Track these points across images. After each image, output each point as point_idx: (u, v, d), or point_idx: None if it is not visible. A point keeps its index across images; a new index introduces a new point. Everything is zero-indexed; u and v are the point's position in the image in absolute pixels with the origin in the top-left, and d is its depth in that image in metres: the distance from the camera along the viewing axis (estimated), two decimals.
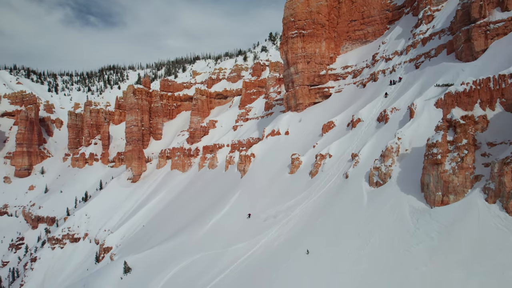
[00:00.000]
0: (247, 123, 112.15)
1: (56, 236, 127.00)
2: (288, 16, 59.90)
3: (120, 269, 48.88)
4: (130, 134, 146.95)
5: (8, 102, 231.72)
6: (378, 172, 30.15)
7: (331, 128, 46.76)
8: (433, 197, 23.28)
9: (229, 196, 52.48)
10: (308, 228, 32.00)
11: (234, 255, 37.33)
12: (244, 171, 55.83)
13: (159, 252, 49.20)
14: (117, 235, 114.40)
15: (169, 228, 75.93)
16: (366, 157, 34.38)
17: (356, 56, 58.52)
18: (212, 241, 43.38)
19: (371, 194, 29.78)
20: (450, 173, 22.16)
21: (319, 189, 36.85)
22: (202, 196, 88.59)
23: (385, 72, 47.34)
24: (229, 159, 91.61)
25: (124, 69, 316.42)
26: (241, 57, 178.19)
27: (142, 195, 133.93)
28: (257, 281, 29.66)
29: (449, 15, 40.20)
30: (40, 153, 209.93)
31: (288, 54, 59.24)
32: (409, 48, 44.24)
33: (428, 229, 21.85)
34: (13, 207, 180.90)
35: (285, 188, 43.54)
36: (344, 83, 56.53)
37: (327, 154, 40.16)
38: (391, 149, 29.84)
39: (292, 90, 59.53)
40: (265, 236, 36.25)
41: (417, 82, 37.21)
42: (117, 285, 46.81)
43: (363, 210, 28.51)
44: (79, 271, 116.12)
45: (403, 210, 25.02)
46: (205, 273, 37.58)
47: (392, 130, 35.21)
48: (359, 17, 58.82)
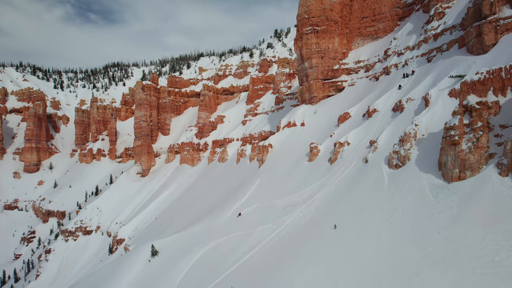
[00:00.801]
0: (256, 118, 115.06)
1: (69, 229, 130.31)
2: (302, 13, 62.70)
3: (148, 252, 51.95)
4: (139, 130, 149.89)
5: (15, 98, 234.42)
6: (397, 155, 33.15)
7: (347, 118, 49.77)
8: (451, 174, 26.28)
9: (248, 185, 55.51)
10: (332, 207, 35.05)
11: (260, 235, 40.40)
12: (262, 161, 58.81)
13: (184, 237, 52.29)
14: (129, 227, 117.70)
15: (186, 217, 79.00)
16: (384, 143, 37.37)
17: (368, 51, 61.42)
18: (236, 225, 46.44)
19: (391, 175, 32.80)
20: (467, 152, 25.14)
21: (340, 173, 39.87)
22: (215, 188, 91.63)
23: (397, 66, 50.26)
24: (241, 152, 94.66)
25: (128, 66, 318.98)
26: (247, 54, 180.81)
27: (152, 189, 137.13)
28: (287, 255, 32.70)
29: (459, 12, 43.05)
30: (48, 149, 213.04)
31: (303, 49, 62.13)
32: (421, 43, 47.14)
33: (448, 201, 24.87)
34: (23, 201, 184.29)
35: (305, 175, 46.57)
36: (357, 77, 59.46)
37: (345, 142, 43.18)
38: (409, 134, 32.81)
39: (306, 84, 62.49)
40: (290, 217, 39.30)
41: (430, 74, 40.13)
42: (145, 267, 49.92)
43: (385, 189, 31.55)
44: (93, 262, 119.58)
45: (423, 187, 28.04)
46: (234, 252, 40.66)
47: (407, 118, 38.17)
48: (370, 14, 61.67)
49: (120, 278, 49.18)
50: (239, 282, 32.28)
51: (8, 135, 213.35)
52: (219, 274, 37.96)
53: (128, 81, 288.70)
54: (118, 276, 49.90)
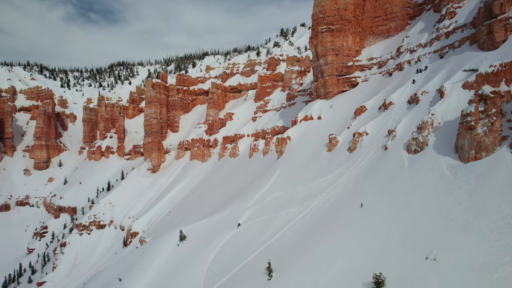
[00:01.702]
0: (266, 114, 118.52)
1: (83, 223, 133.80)
2: (317, 13, 66.10)
3: (176, 237, 55.44)
4: (150, 127, 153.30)
5: (24, 97, 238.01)
6: (416, 141, 36.62)
7: (363, 111, 53.22)
8: (467, 155, 29.75)
9: (269, 175, 58.95)
10: (356, 190, 38.52)
11: (287, 218, 43.87)
12: (281, 152, 62.23)
13: (210, 222, 55.75)
14: (142, 221, 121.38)
15: (203, 208, 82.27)
16: (402, 132, 40.83)
17: (380, 49, 64.84)
18: (261, 210, 49.87)
19: (411, 159, 36.28)
20: (482, 135, 28.60)
21: (360, 160, 43.34)
22: (230, 181, 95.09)
23: (410, 62, 53.67)
24: (254, 146, 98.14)
25: (134, 65, 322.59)
26: (254, 52, 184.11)
27: (163, 184, 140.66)
28: (316, 233, 36.16)
29: (470, 12, 46.41)
30: (57, 147, 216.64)
31: (318, 47, 65.55)
32: (433, 40, 50.53)
33: (465, 178, 28.34)
34: (34, 198, 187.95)
35: (325, 163, 50.04)
36: (370, 73, 62.89)
37: (364, 132, 46.66)
38: (427, 122, 36.27)
39: (321, 80, 65.95)
40: (315, 200, 42.78)
41: (443, 69, 43.53)
42: (174, 250, 53.43)
43: (406, 171, 35.03)
44: (108, 255, 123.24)
45: (442, 167, 31.51)
46: (262, 234, 44.11)
47: (423, 110, 41.63)
48: (382, 13, 65.09)
49: (152, 260, 52.73)
50: (272, 258, 35.65)
51: (17, 133, 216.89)
52: (250, 252, 41.45)
53: (134, 80, 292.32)
54: (149, 258, 53.43)
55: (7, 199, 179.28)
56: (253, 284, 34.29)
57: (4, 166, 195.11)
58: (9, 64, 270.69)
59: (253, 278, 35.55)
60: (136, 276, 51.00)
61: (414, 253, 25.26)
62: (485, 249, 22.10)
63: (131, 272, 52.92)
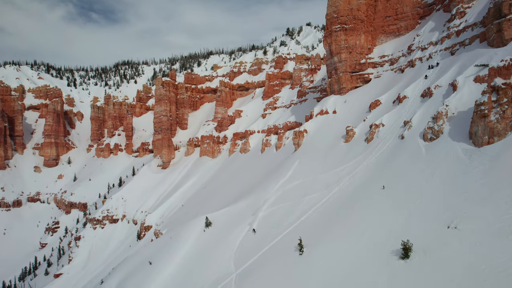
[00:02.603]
0: (276, 111, 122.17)
1: (96, 217, 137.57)
2: (331, 13, 69.71)
3: (201, 224, 59.01)
4: (160, 124, 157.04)
5: (32, 96, 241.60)
6: (431, 130, 40.20)
7: (378, 105, 56.80)
8: (481, 140, 33.33)
9: (287, 165, 62.56)
10: (377, 175, 42.11)
11: (310, 202, 47.44)
12: (298, 145, 65.80)
13: (233, 210, 59.34)
14: (155, 215, 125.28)
15: (219, 201, 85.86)
16: (418, 123, 44.41)
17: (391, 47, 68.42)
18: (284, 197, 53.46)
19: (427, 146, 39.87)
20: (495, 122, 32.18)
21: (378, 149, 46.93)
22: (243, 175, 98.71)
23: (422, 59, 57.24)
24: (266, 142, 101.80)
25: (139, 64, 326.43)
26: (260, 51, 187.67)
27: (174, 180, 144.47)
28: (341, 213, 39.74)
29: (480, 11, 49.93)
30: (66, 144, 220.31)
31: (332, 45, 69.14)
32: (444, 39, 54.05)
33: (480, 159, 31.90)
34: (44, 194, 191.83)
35: (343, 153, 53.64)
36: (382, 70, 66.50)
37: (380, 123, 50.25)
38: (442, 113, 39.85)
39: (335, 76, 69.56)
40: (337, 186, 46.36)
41: (455, 65, 47.09)
42: (201, 236, 57.02)
43: (423, 156, 38.62)
44: (122, 248, 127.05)
45: (457, 152, 35.09)
46: (287, 217, 47.70)
47: (436, 102, 45.18)
48: (393, 13, 68.67)
49: (180, 245, 56.32)
50: (300, 236, 39.12)
51: (27, 131, 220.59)
52: (278, 233, 45.02)
53: (140, 79, 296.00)
54: (177, 243, 57.01)
55: (19, 195, 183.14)
56: (285, 259, 37.83)
57: (15, 163, 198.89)
58: (16, 64, 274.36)
59: (284, 254, 39.11)
60: (166, 259, 54.55)
61: (436, 224, 28.80)
62: (500, 217, 25.62)
63: (160, 256, 56.49)
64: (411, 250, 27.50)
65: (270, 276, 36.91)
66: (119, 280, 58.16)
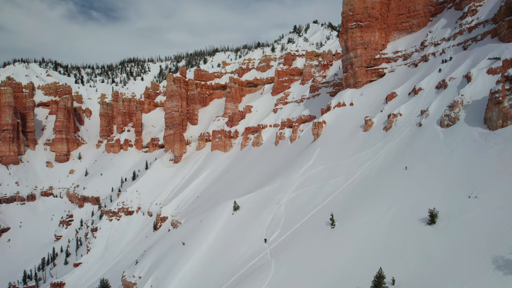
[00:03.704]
0: (287, 106, 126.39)
1: (112, 210, 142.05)
2: (347, 11, 73.90)
3: (229, 208, 63.29)
4: (171, 119, 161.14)
5: (42, 93, 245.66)
6: (448, 117, 44.52)
7: (394, 97, 61.05)
8: (495, 124, 37.64)
9: (308, 154, 66.87)
10: (398, 158, 46.43)
11: (336, 184, 51.74)
12: (317, 135, 70.07)
13: (259, 195, 63.59)
14: (171, 206, 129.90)
15: (237, 190, 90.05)
16: (434, 112, 48.69)
17: (404, 43, 72.64)
18: (309, 181, 57.75)
19: (445, 131, 44.18)
20: (508, 107, 36.50)
21: (397, 136, 51.25)
22: (258, 166, 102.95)
23: (435, 54, 61.43)
24: (279, 135, 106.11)
25: (144, 61, 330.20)
26: (268, 48, 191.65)
27: (187, 173, 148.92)
28: (367, 191, 44.07)
29: (491, 9, 54.02)
30: (76, 140, 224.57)
31: (348, 42, 73.35)
32: (456, 35, 58.19)
33: (495, 141, 36.20)
34: (57, 189, 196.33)
35: (363, 141, 57.96)
36: (396, 64, 70.73)
37: (398, 113, 54.55)
38: (458, 101, 44.14)
39: (351, 71, 73.82)
40: (360, 170, 50.69)
41: (468, 59, 51.31)
42: (230, 218, 61.32)
43: (441, 140, 42.93)
44: (138, 238, 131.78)
45: (474, 135, 39.42)
46: (314, 198, 52.01)
47: (451, 93, 49.45)
48: (405, 11, 72.84)
49: (210, 227, 60.67)
50: (329, 213, 43.40)
51: (37, 127, 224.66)
52: (307, 212, 49.36)
53: (146, 76, 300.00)
54: (208, 226, 61.37)
55: (33, 189, 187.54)
56: (318, 233, 42.24)
57: (27, 159, 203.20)
58: (25, 61, 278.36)
59: (316, 229, 43.52)
60: (198, 240, 58.94)
61: (458, 195, 33.19)
62: None
63: (192, 238, 60.89)
64: (437, 217, 31.88)
65: (305, 247, 41.31)
66: (153, 261, 62.65)
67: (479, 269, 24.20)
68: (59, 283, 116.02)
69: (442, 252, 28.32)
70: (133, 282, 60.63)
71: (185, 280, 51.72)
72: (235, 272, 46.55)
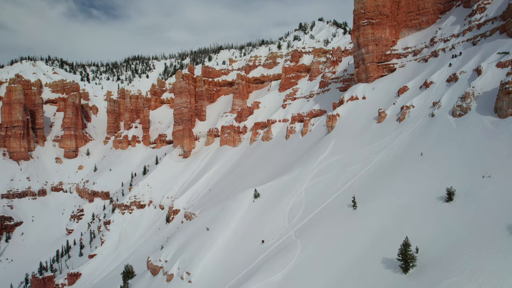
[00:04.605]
0: (295, 102, 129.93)
1: (124, 203, 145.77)
2: (358, 9, 77.35)
3: (250, 196, 66.77)
4: (181, 115, 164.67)
5: (49, 90, 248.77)
6: (460, 108, 48.04)
7: (405, 90, 64.56)
8: (505, 113, 41.16)
9: (323, 145, 70.38)
10: (412, 146, 49.93)
11: (353, 172, 55.25)
12: (331, 127, 73.62)
13: (279, 183, 67.07)
14: (182, 199, 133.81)
15: (251, 182, 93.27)
16: (446, 103, 52.17)
17: (413, 39, 76.08)
18: (327, 169, 61.23)
19: (457, 121, 47.71)
20: None
21: (411, 126, 54.76)
22: (270, 159, 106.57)
23: (445, 50, 64.87)
24: (290, 129, 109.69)
25: (149, 59, 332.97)
26: (275, 46, 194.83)
27: (197, 168, 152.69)
28: (385, 176, 47.59)
29: (499, 7, 57.35)
30: (84, 137, 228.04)
31: (360, 38, 76.81)
32: (466, 31, 61.61)
33: (506, 127, 39.70)
34: (67, 184, 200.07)
35: (377, 132, 61.48)
36: (406, 60, 74.20)
37: (411, 105, 58.07)
38: (469, 93, 47.66)
39: (363, 66, 77.33)
40: (376, 157, 54.21)
41: (477, 53, 54.75)
42: (251, 205, 64.78)
43: (454, 129, 46.46)
44: (151, 230, 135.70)
45: (485, 123, 42.95)
46: (333, 185, 55.48)
47: (462, 85, 52.92)
48: (415, 9, 76.27)
49: (233, 213, 64.21)
50: (350, 197, 46.81)
51: (46, 124, 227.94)
52: (327, 197, 52.88)
53: (151, 73, 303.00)
54: (230, 212, 64.90)
55: (43, 185, 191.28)
56: (341, 214, 45.79)
57: (37, 155, 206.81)
58: (32, 59, 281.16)
59: (338, 211, 47.08)
60: (222, 225, 62.47)
61: (472, 175, 36.71)
62: None
63: (215, 224, 64.42)
64: (454, 194, 35.43)
65: (330, 226, 44.89)
66: (178, 246, 66.25)
67: (495, 236, 27.67)
68: (75, 273, 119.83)
69: (461, 224, 31.81)
70: (160, 266, 64.24)
71: (212, 261, 55.31)
72: (261, 252, 50.10)
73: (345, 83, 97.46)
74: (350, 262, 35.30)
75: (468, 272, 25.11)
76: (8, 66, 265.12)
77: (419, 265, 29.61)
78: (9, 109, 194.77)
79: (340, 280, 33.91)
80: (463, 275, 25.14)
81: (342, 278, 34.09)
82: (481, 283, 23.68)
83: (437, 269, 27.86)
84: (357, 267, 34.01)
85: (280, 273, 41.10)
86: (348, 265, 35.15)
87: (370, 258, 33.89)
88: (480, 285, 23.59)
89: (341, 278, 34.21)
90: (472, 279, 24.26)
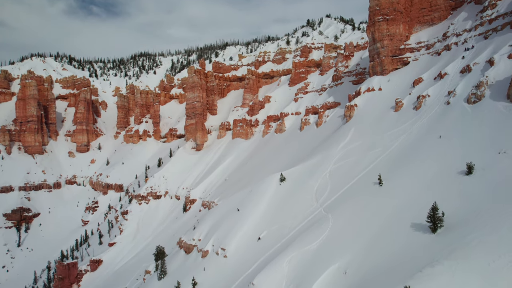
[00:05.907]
0: (307, 95, 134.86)
1: (141, 194, 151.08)
2: (373, 6, 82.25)
3: (276, 180, 71.78)
4: (193, 109, 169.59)
5: (60, 86, 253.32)
6: (474, 95, 53.06)
7: (420, 81, 69.54)
8: None
9: (343, 133, 75.38)
10: (430, 130, 54.90)
11: (375, 155, 60.25)
12: (350, 117, 78.70)
13: (303, 167, 72.03)
14: (198, 190, 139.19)
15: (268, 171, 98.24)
16: (461, 92, 57.13)
17: (426, 34, 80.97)
18: (349, 154, 66.22)
19: (472, 107, 52.71)
20: None
21: (428, 113, 59.76)
22: (285, 149, 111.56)
23: (457, 44, 69.77)
24: (305, 121, 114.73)
25: (155, 55, 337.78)
26: (283, 41, 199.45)
27: (210, 160, 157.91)
28: (406, 157, 52.61)
29: (510, 3, 62.17)
30: (95, 131, 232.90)
31: (375, 33, 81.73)
32: (478, 26, 66.44)
33: None
34: (80, 177, 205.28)
35: (395, 119, 66.53)
36: (419, 54, 79.13)
37: (426, 94, 63.07)
38: (483, 82, 52.66)
39: (378, 60, 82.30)
40: (396, 142, 59.25)
41: (489, 46, 59.66)
42: (278, 188, 69.63)
43: (469, 114, 51.45)
44: (168, 220, 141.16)
45: (498, 108, 47.94)
46: (356, 168, 60.44)
47: (475, 76, 57.87)
48: (427, 5, 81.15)
49: (261, 195, 69.23)
50: (375, 176, 51.80)
51: (57, 119, 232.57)
52: (352, 177, 57.94)
53: (158, 69, 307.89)
54: (258, 194, 69.92)
55: (58, 178, 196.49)
56: (368, 190, 50.84)
57: (50, 149, 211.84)
58: (41, 55, 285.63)
59: (365, 188, 52.15)
60: (251, 206, 67.54)
61: (489, 152, 41.73)
62: None
63: (245, 205, 69.57)
64: (473, 168, 40.51)
65: (357, 201, 49.93)
66: (210, 226, 71.45)
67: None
68: (97, 260, 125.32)
69: (481, 193, 36.79)
70: (194, 244, 69.44)
71: (245, 237, 60.45)
72: (292, 229, 55.20)
73: (358, 76, 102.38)
74: (382, 228, 40.27)
75: (489, 228, 30.10)
76: (18, 62, 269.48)
77: (446, 225, 34.55)
78: (24, 104, 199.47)
79: (374, 242, 38.90)
80: (485, 230, 30.08)
81: (376, 240, 39.10)
82: (501, 235, 28.64)
83: (462, 228, 32.81)
84: (389, 230, 39.03)
85: (315, 242, 46.02)
86: (381, 230, 40.12)
87: (400, 223, 38.88)
88: (501, 236, 28.52)
89: (375, 241, 39.20)
90: (493, 232, 29.24)
